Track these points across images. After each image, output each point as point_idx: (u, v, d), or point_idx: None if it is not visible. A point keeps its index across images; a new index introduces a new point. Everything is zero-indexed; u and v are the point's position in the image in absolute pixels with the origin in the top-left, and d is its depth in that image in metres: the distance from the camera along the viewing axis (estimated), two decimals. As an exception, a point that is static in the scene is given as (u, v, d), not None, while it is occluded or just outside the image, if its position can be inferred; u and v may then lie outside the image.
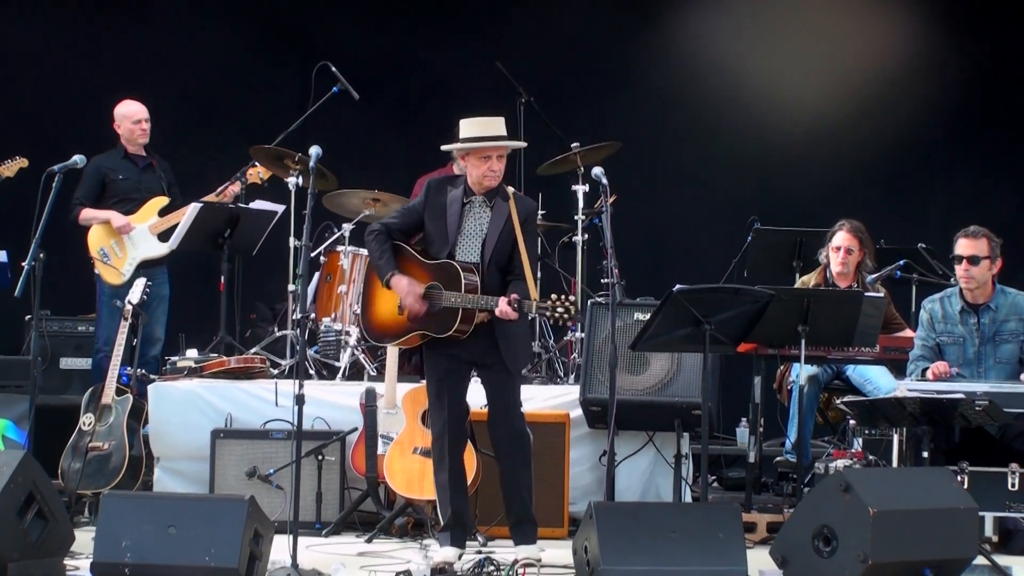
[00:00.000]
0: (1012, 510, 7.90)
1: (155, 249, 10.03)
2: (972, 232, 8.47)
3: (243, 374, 9.29)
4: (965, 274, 8.47)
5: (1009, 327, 8.49)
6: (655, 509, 7.43)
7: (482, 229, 7.54)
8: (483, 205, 7.56)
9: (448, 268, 7.46)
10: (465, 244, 7.54)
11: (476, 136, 7.53)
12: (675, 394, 8.67)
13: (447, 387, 7.58)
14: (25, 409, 8.91)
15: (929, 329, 8.62)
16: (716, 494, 9.92)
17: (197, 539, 6.59)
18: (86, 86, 11.43)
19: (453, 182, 7.65)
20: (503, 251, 7.51)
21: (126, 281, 9.88)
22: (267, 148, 10.02)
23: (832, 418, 9.82)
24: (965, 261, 8.45)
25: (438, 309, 7.43)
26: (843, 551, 6.57)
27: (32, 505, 6.79)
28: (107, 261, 9.93)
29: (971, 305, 8.52)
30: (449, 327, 7.42)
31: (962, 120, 12.16)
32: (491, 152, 7.52)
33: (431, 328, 7.49)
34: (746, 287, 7.72)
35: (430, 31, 12.38)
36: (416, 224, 7.64)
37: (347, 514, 8.66)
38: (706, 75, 12.33)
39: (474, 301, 7.38)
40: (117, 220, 9.95)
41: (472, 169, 7.54)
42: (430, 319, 7.47)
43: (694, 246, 11.68)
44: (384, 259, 7.54)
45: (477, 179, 7.54)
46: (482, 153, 7.51)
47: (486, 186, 7.54)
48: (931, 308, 8.66)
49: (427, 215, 7.60)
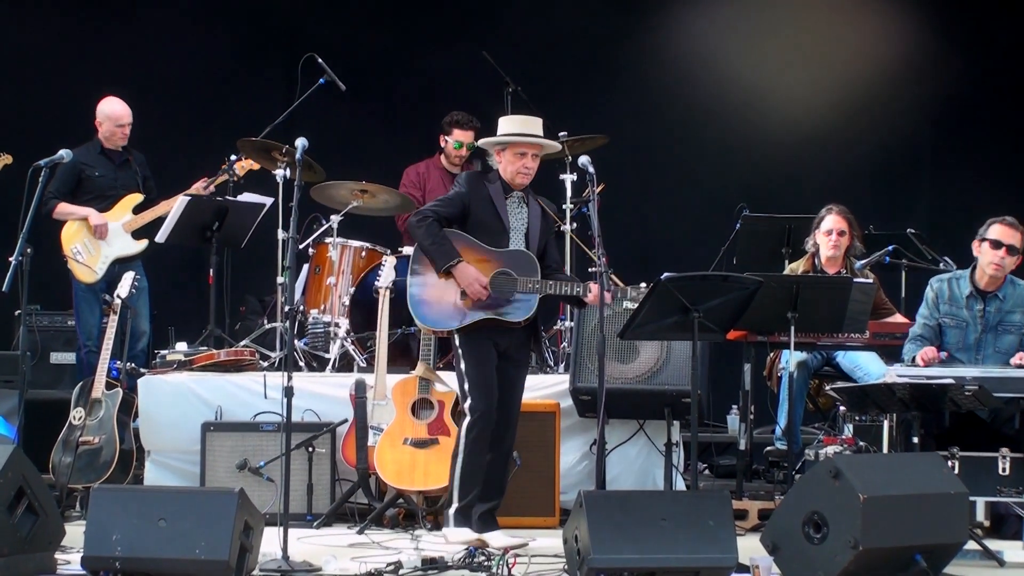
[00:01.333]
0: (1003, 495, 7.91)
1: (129, 247, 10.01)
2: (1011, 222, 8.44)
3: (233, 367, 9.28)
4: (999, 261, 8.43)
5: (1014, 318, 8.49)
6: (645, 497, 7.42)
7: (523, 223, 7.80)
8: (521, 201, 7.84)
9: (522, 256, 7.73)
10: (514, 237, 7.79)
11: (517, 132, 7.76)
12: (665, 382, 8.67)
13: (490, 371, 7.76)
14: (15, 404, 8.88)
15: (933, 308, 8.60)
16: (707, 482, 9.92)
17: (187, 532, 6.58)
18: (71, 82, 11.39)
19: (487, 177, 7.85)
20: (541, 245, 7.84)
21: (99, 279, 9.87)
22: (254, 140, 10.00)
23: (822, 404, 9.83)
24: (1004, 249, 8.42)
25: (511, 295, 7.65)
26: (834, 537, 6.57)
27: (22, 500, 6.77)
28: (80, 259, 9.89)
29: (980, 291, 8.51)
30: (527, 311, 7.70)
31: (949, 116, 12.19)
32: (527, 149, 7.74)
33: (507, 314, 7.70)
34: (734, 274, 7.72)
35: (418, 25, 12.36)
36: (461, 213, 7.79)
37: (338, 506, 8.65)
38: (696, 70, 12.35)
39: (557, 287, 7.64)
40: (95, 219, 9.91)
41: (507, 165, 7.76)
42: (504, 305, 7.67)
43: (683, 236, 11.69)
44: (444, 247, 7.68)
45: (511, 175, 7.75)
46: (518, 149, 7.73)
47: (518, 183, 7.78)
48: (938, 288, 8.63)
49: (474, 205, 7.77)
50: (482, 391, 7.72)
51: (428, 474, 8.28)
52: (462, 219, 7.78)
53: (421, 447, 8.33)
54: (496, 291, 7.67)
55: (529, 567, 7.18)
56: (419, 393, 8.48)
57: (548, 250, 7.91)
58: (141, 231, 10.03)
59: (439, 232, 7.69)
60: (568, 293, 7.64)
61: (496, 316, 7.69)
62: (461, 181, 7.89)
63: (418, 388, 8.49)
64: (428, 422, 8.42)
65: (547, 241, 7.91)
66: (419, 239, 7.77)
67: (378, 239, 10.03)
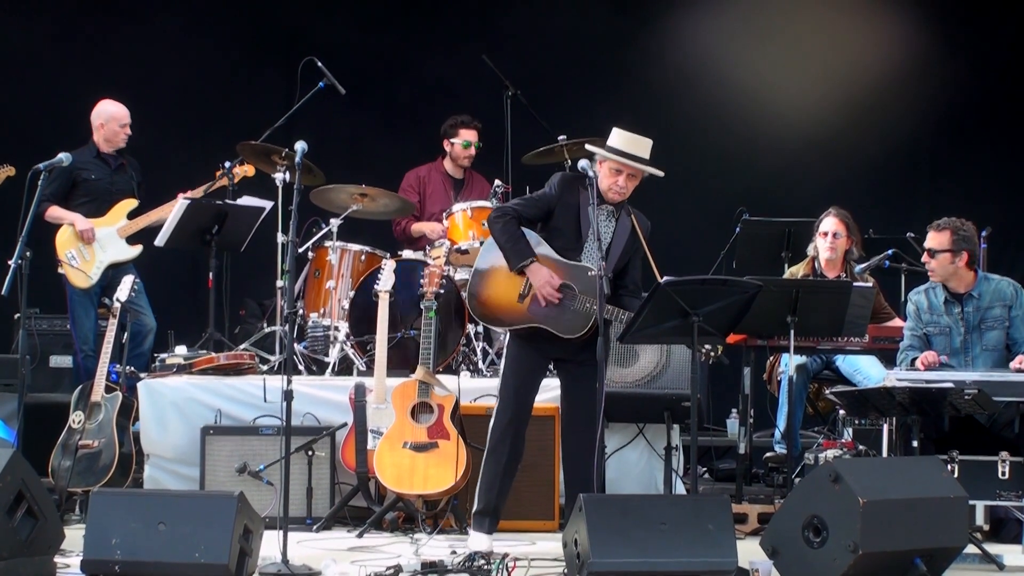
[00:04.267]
0: (1002, 498, 7.91)
1: (123, 252, 10.00)
2: (937, 224, 8.47)
3: (232, 370, 9.28)
4: (927, 266, 8.51)
5: (994, 314, 8.49)
6: (645, 501, 7.40)
7: (607, 237, 7.68)
8: (610, 215, 7.74)
9: (587, 273, 7.56)
10: (589, 248, 7.65)
11: (619, 150, 7.67)
12: (665, 386, 8.68)
13: (528, 384, 7.73)
14: (14, 407, 8.89)
15: (916, 320, 8.62)
16: (706, 485, 9.93)
17: (187, 536, 6.57)
18: (72, 87, 11.36)
19: (582, 182, 7.71)
20: (621, 263, 7.72)
21: (94, 284, 9.87)
22: (254, 144, 10.00)
23: (822, 408, 9.84)
24: (925, 253, 8.49)
25: (569, 309, 7.56)
26: (833, 541, 6.57)
27: (22, 503, 6.76)
28: (74, 264, 9.88)
29: (954, 295, 8.52)
30: (576, 330, 7.56)
31: (949, 120, 12.20)
32: (625, 169, 7.65)
33: (557, 327, 7.59)
34: (734, 278, 7.71)
35: (418, 29, 12.36)
36: (544, 216, 7.74)
37: (337, 509, 8.65)
38: (697, 74, 12.36)
39: (615, 313, 7.49)
40: (81, 224, 9.89)
41: (603, 178, 7.68)
42: (557, 317, 7.58)
43: (682, 240, 11.66)
44: (521, 244, 7.63)
45: (604, 189, 7.67)
46: (615, 166, 7.66)
47: (610, 198, 7.69)
48: (916, 300, 8.66)
49: (558, 210, 7.71)
50: (508, 399, 7.71)
51: (428, 478, 8.27)
52: (544, 221, 7.74)
53: (420, 451, 8.32)
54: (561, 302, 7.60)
55: (529, 571, 7.19)
56: (419, 397, 8.47)
57: (629, 270, 7.78)
58: (136, 236, 10.03)
59: (516, 230, 7.64)
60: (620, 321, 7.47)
61: (549, 328, 7.62)
62: (554, 183, 7.78)
63: (418, 392, 8.48)
64: (428, 426, 8.42)
65: (630, 260, 7.76)
66: (496, 235, 7.71)
67: (378, 243, 10.04)
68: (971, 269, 8.47)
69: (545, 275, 7.57)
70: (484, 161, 10.70)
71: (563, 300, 7.58)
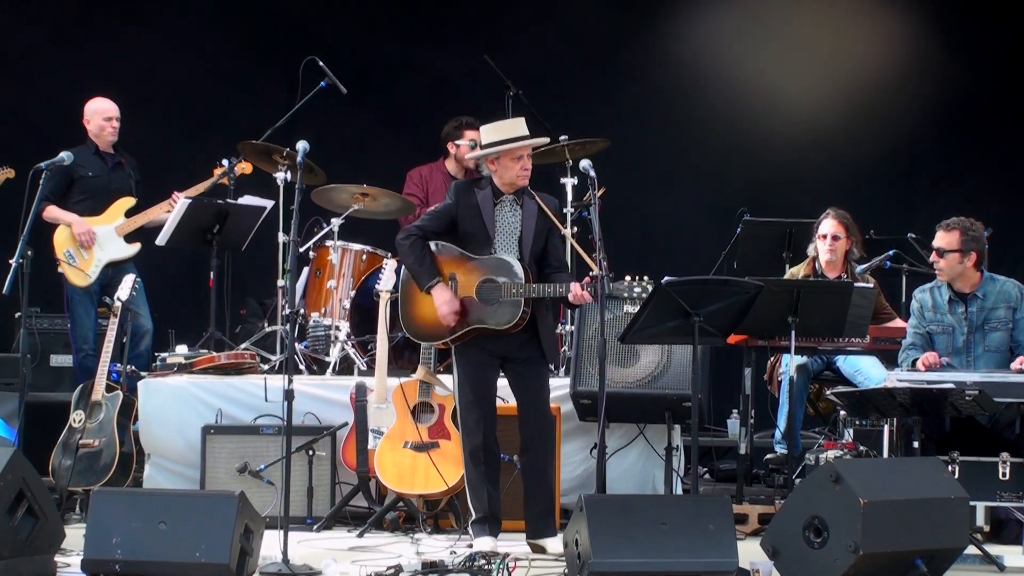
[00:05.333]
0: (1003, 499, 7.90)
1: (122, 251, 10.00)
2: (946, 224, 8.48)
3: (233, 370, 9.28)
4: (936, 265, 8.51)
5: (997, 315, 8.49)
6: (646, 501, 7.42)
7: (516, 227, 7.80)
8: (513, 204, 7.84)
9: (503, 262, 7.72)
10: (502, 242, 7.79)
11: (505, 139, 7.75)
12: (665, 386, 8.66)
13: (484, 383, 7.82)
14: (15, 406, 8.91)
15: (920, 318, 8.62)
16: (707, 486, 9.93)
17: (188, 535, 6.57)
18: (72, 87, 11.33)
19: (478, 184, 7.89)
20: (538, 246, 7.81)
21: (92, 283, 9.87)
22: (255, 143, 10.00)
23: (823, 409, 9.83)
24: (934, 252, 8.49)
25: (496, 303, 7.67)
26: (834, 542, 6.57)
27: (22, 502, 6.76)
28: (73, 263, 9.87)
29: (959, 294, 8.52)
30: (511, 319, 7.69)
31: (950, 120, 12.18)
32: (523, 151, 7.76)
33: (492, 321, 7.72)
34: (735, 279, 7.73)
35: (420, 29, 12.36)
36: (449, 226, 7.84)
37: (338, 509, 8.65)
38: (698, 74, 12.35)
39: (540, 290, 7.66)
40: (78, 227, 9.87)
41: (504, 171, 7.78)
42: (490, 313, 7.70)
43: (684, 240, 11.67)
44: (424, 265, 7.76)
45: (511, 179, 7.78)
46: (515, 154, 7.76)
47: (518, 185, 7.80)
48: (921, 298, 8.67)
49: (460, 216, 7.81)
50: (469, 404, 7.79)
51: (428, 478, 8.27)
52: (451, 231, 7.83)
53: (421, 451, 8.32)
54: (482, 300, 7.71)
55: (529, 571, 7.18)
56: (419, 397, 8.47)
57: (548, 249, 7.86)
58: (134, 234, 10.02)
59: (422, 249, 7.77)
60: (552, 295, 7.67)
61: (482, 325, 7.73)
62: (450, 192, 7.93)
63: (418, 392, 8.48)
64: (428, 426, 8.42)
65: (547, 240, 7.85)
66: (403, 257, 7.87)
67: (379, 242, 10.03)
68: (978, 269, 8.48)
69: (446, 297, 7.71)
70: (485, 161, 10.69)
71: (490, 295, 7.71)
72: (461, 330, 7.75)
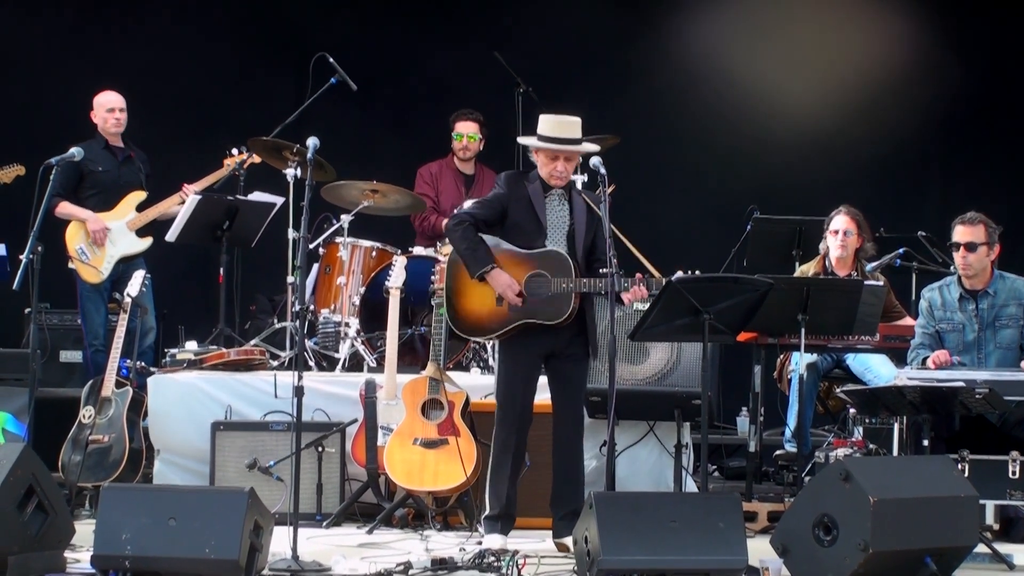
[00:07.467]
0: (1013, 498, 7.90)
1: (134, 246, 10.01)
2: (969, 219, 8.47)
3: (243, 366, 9.28)
4: (963, 261, 8.47)
5: (1008, 312, 8.48)
6: (655, 499, 7.42)
7: (565, 221, 7.72)
8: (561, 198, 7.76)
9: (554, 256, 7.64)
10: (552, 235, 7.71)
11: (549, 136, 7.67)
12: (675, 384, 8.67)
13: (526, 382, 7.74)
14: (25, 402, 8.92)
15: (929, 317, 8.61)
16: (717, 484, 9.93)
17: (197, 531, 6.58)
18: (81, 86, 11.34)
19: (527, 176, 7.80)
20: (587, 240, 7.73)
21: (104, 279, 9.88)
22: (265, 140, 10.01)
23: (832, 407, 9.82)
24: (962, 248, 8.45)
25: (546, 296, 7.59)
26: (844, 540, 6.56)
27: (32, 498, 6.77)
28: (85, 260, 9.88)
29: (969, 291, 8.51)
30: (563, 313, 7.60)
31: (958, 118, 12.17)
32: (559, 154, 7.67)
33: (544, 316, 7.63)
34: (745, 276, 7.71)
35: (429, 25, 12.35)
36: (499, 215, 7.75)
37: (347, 506, 8.66)
38: (707, 71, 12.34)
39: (591, 284, 7.58)
40: (92, 224, 9.89)
41: (542, 167, 7.73)
42: (541, 307, 7.61)
43: (694, 237, 11.67)
44: (478, 252, 7.64)
45: (545, 177, 7.72)
46: (551, 153, 7.67)
47: (553, 184, 7.73)
48: (930, 297, 8.66)
49: (512, 207, 7.72)
50: (508, 403, 7.72)
51: (438, 474, 8.27)
52: (500, 221, 7.74)
53: (431, 447, 8.32)
54: (531, 293, 7.62)
55: (539, 568, 7.19)
56: (429, 393, 8.47)
57: (597, 243, 7.74)
58: (145, 228, 10.04)
59: (474, 236, 7.65)
60: (601, 291, 7.56)
61: (533, 320, 7.65)
62: (500, 182, 7.81)
63: (428, 388, 8.48)
64: (438, 422, 8.42)
65: (595, 234, 7.74)
66: (454, 243, 7.73)
67: (388, 239, 10.05)
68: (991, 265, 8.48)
69: (505, 280, 7.60)
70: (494, 157, 10.70)
71: (539, 289, 7.61)
72: (511, 324, 7.67)
